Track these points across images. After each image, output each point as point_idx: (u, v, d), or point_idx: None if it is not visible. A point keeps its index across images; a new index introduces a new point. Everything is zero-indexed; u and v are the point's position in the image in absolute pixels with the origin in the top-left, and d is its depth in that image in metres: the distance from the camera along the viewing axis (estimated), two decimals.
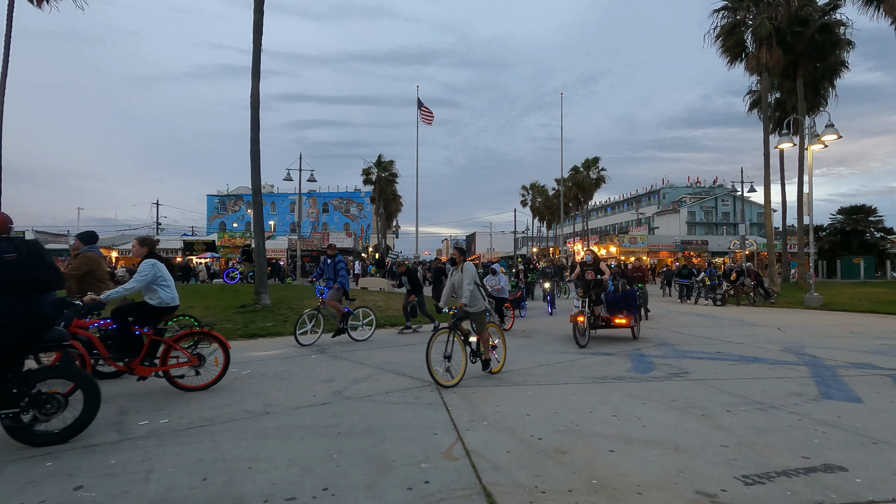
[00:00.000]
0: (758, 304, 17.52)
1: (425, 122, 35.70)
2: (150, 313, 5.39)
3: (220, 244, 39.80)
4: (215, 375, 5.64)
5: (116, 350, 5.18)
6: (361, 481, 3.16)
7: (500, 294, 11.00)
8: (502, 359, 6.53)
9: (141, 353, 5.24)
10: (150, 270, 5.35)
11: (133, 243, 5.78)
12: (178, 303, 5.71)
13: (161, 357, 5.40)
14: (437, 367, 5.66)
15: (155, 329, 5.38)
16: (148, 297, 5.40)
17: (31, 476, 3.28)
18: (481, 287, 6.22)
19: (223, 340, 5.74)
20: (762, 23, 21.94)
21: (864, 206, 41.56)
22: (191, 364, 5.47)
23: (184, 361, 5.47)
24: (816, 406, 4.86)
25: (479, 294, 6.14)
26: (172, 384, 5.49)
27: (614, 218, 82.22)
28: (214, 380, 5.63)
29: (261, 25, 13.94)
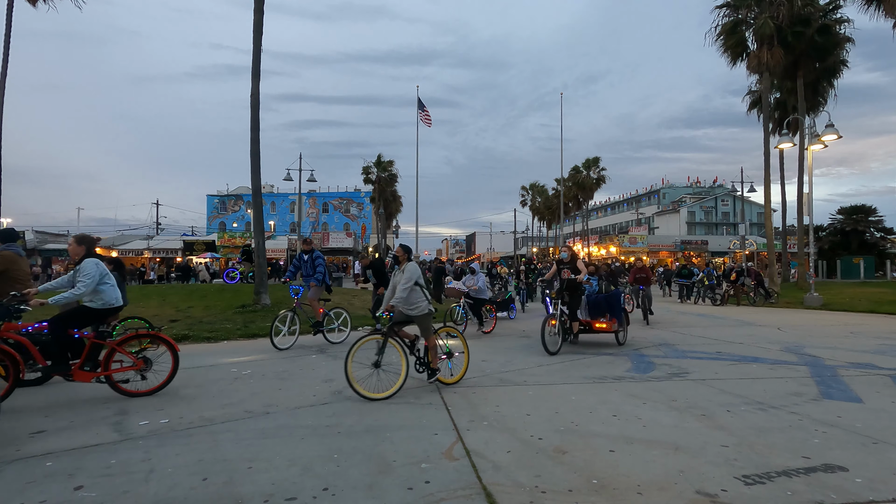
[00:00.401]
0: (758, 304, 17.53)
1: (425, 122, 35.70)
2: (91, 316, 5.13)
3: (220, 244, 39.84)
4: (163, 380, 5.39)
5: (52, 355, 4.92)
6: (361, 481, 3.16)
7: (478, 295, 10.47)
8: (463, 368, 5.96)
9: (81, 357, 4.99)
10: (94, 270, 5.06)
11: (70, 242, 5.40)
12: (123, 303, 5.44)
13: (103, 361, 5.14)
14: (360, 376, 5.18)
15: (97, 332, 5.14)
16: (89, 299, 5.10)
17: (32, 476, 3.28)
18: (425, 289, 5.70)
19: (171, 343, 5.49)
20: (765, 22, 21.93)
21: (864, 206, 41.60)
22: (136, 368, 5.23)
23: (128, 365, 5.23)
24: (817, 406, 4.86)
25: (419, 296, 5.63)
26: (115, 389, 5.21)
27: (614, 218, 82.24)
28: (162, 384, 5.37)
29: (261, 25, 13.95)
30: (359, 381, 5.12)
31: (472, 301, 10.47)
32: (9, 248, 6.14)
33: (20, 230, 41.35)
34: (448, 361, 5.85)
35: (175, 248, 39.64)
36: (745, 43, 23.92)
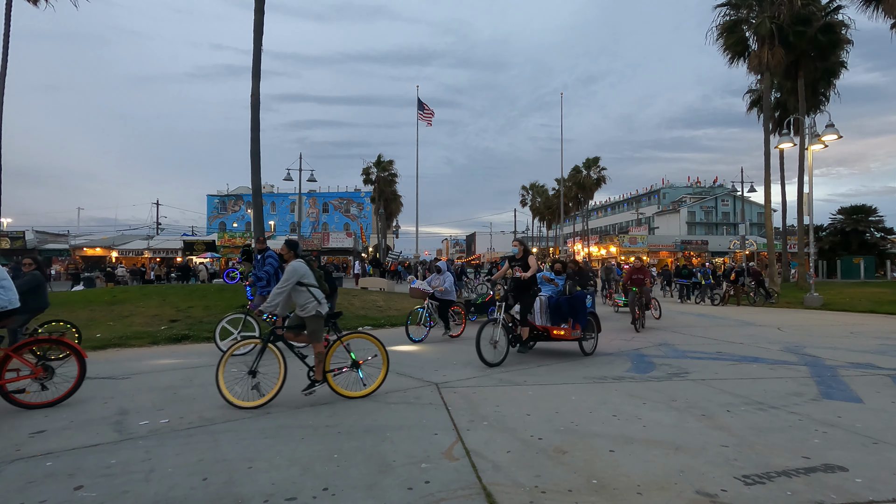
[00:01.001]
0: (758, 304, 17.52)
1: (425, 122, 35.69)
2: None
3: (220, 244, 39.81)
4: (66, 389, 4.98)
5: None
6: (362, 481, 3.16)
7: (444, 296, 9.50)
8: (379, 378, 5.33)
9: None
10: None
11: None
12: (19, 304, 5.13)
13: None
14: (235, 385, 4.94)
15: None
16: None
17: (32, 476, 3.28)
18: (310, 288, 5.19)
19: (77, 349, 5.10)
20: (764, 21, 21.94)
21: (865, 206, 41.57)
22: (34, 376, 4.86)
23: (26, 374, 4.87)
24: (817, 406, 4.86)
25: (307, 297, 5.17)
26: (8, 401, 4.75)
27: (614, 218, 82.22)
28: (65, 394, 4.96)
29: (261, 25, 13.96)
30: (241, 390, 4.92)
31: (437, 302, 9.59)
32: None
33: (20, 230, 41.40)
34: (359, 371, 5.24)
35: (175, 248, 39.64)
36: (745, 42, 23.92)
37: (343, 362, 5.29)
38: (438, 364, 6.94)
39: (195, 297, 14.85)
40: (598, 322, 8.03)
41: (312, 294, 5.20)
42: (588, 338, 7.83)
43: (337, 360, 5.37)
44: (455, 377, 6.14)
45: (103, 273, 29.62)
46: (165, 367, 6.91)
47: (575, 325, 7.60)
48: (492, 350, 6.72)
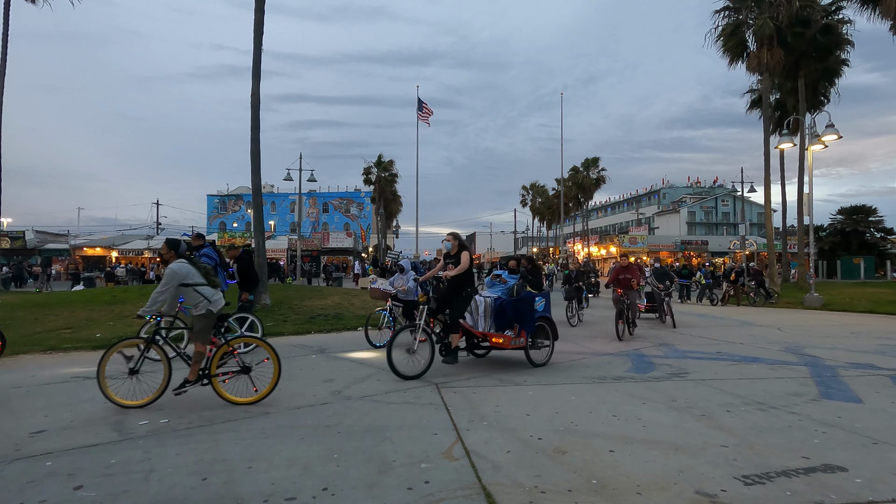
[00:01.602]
0: (758, 304, 17.53)
1: (423, 121, 35.69)
2: None
3: (220, 244, 39.82)
4: None
5: None
6: (361, 481, 3.16)
7: (407, 297, 8.87)
8: (270, 384, 5.04)
9: None
10: None
11: None
12: None
13: None
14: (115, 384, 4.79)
15: None
16: None
17: (32, 476, 3.28)
18: (198, 288, 4.97)
19: None
20: (764, 23, 21.97)
21: (864, 207, 41.60)
22: None
23: None
24: (816, 406, 4.86)
25: (197, 296, 4.97)
26: None
27: (614, 218, 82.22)
28: None
29: (261, 25, 13.95)
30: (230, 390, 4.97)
31: (400, 304, 8.99)
32: None
33: (20, 230, 41.40)
34: (249, 376, 5.04)
35: None
36: (745, 44, 23.95)
37: (233, 367, 5.11)
38: (435, 364, 6.94)
39: None
40: (553, 328, 7.09)
41: (200, 293, 5.01)
42: (539, 346, 6.93)
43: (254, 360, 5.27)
44: (455, 377, 6.14)
45: (103, 273, 29.65)
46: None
47: (520, 331, 6.67)
48: (406, 360, 5.95)
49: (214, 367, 5.01)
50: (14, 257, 37.52)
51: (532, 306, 6.79)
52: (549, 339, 7.07)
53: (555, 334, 7.13)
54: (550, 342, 7.08)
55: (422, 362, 6.01)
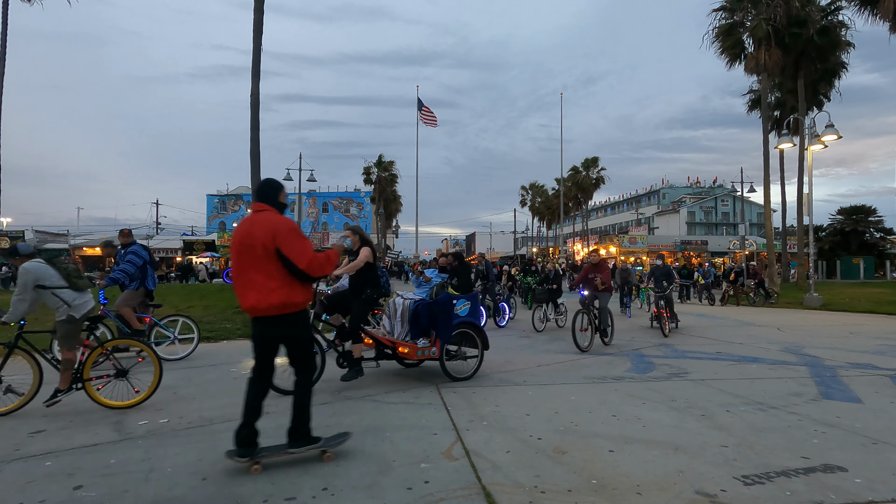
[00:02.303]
0: (758, 304, 17.54)
1: (429, 124, 35.68)
2: None
3: (220, 244, 39.78)
4: None
5: None
6: (361, 481, 3.16)
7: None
8: (150, 387, 4.87)
9: None
10: None
11: None
12: None
13: None
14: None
15: None
16: None
17: (31, 476, 3.28)
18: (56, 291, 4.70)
19: None
20: (759, 24, 22.01)
21: (864, 207, 41.65)
22: None
23: None
24: (816, 406, 4.86)
25: (56, 300, 4.71)
26: None
27: (614, 218, 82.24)
28: None
29: (261, 25, 13.94)
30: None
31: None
32: None
33: (20, 230, 41.36)
34: (127, 379, 4.83)
35: (175, 248, 39.61)
36: (742, 44, 23.97)
37: (108, 370, 4.89)
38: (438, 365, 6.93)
39: (195, 297, 14.85)
40: (482, 336, 6.17)
41: (60, 297, 4.71)
42: (458, 356, 6.12)
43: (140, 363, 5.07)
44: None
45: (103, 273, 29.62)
46: (164, 367, 6.89)
47: (436, 339, 5.85)
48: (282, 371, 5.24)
49: (87, 371, 4.72)
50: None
51: (449, 311, 5.94)
52: (476, 349, 6.20)
53: (484, 343, 6.18)
54: (479, 352, 6.19)
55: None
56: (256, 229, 3.35)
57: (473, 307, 6.21)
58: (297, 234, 3.43)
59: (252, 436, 3.37)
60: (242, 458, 3.29)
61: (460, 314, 6.03)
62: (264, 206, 3.50)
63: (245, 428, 3.36)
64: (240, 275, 3.39)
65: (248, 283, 3.35)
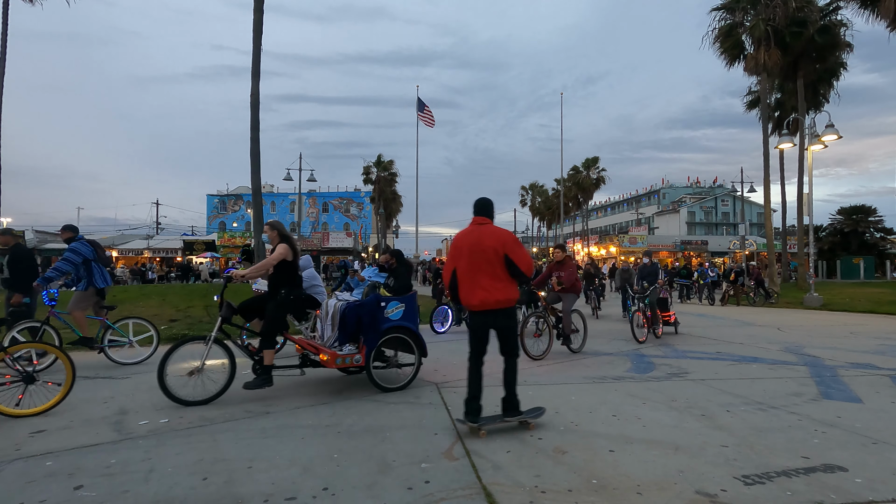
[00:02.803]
0: (758, 304, 17.53)
1: (427, 124, 35.70)
2: None
3: (220, 244, 39.81)
4: None
5: None
6: (361, 481, 3.16)
7: None
8: (61, 394, 4.67)
9: None
10: None
11: None
12: None
13: None
14: None
15: None
16: None
17: (32, 476, 3.28)
18: None
19: None
20: (757, 24, 22.05)
21: (864, 207, 41.64)
22: None
23: None
24: (816, 406, 4.86)
25: None
26: None
27: (614, 218, 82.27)
28: None
29: (261, 25, 13.95)
30: None
31: None
32: None
33: (20, 230, 41.36)
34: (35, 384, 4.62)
35: (175, 248, 39.62)
36: (741, 45, 23.99)
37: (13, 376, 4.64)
38: (437, 364, 6.94)
39: (195, 297, 14.84)
40: (419, 342, 5.64)
41: None
42: (392, 364, 5.73)
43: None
44: (454, 377, 6.14)
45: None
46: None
47: (361, 346, 5.40)
48: (189, 382, 4.87)
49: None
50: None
51: (375, 314, 5.42)
52: (415, 354, 5.69)
53: (422, 349, 5.67)
54: (416, 360, 5.68)
55: (214, 385, 4.91)
56: (486, 238, 4.11)
57: (409, 310, 5.67)
58: (519, 243, 4.22)
59: (479, 408, 4.09)
60: (474, 423, 4.02)
61: (391, 318, 5.52)
62: (485, 220, 4.28)
63: (473, 401, 4.10)
64: (468, 276, 4.14)
65: (476, 283, 4.10)
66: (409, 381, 5.59)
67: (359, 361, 5.35)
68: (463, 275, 4.18)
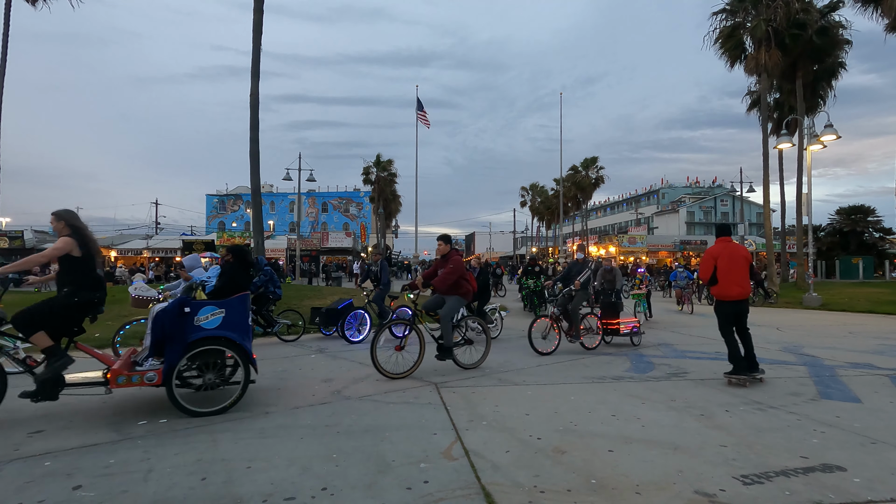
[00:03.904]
0: (757, 304, 17.53)
1: (423, 123, 35.72)
2: None
3: (220, 244, 39.76)
4: None
5: None
6: (360, 481, 3.16)
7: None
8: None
9: None
10: None
11: None
12: None
13: None
14: None
15: None
16: None
17: (31, 476, 3.28)
18: None
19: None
20: (758, 24, 22.09)
21: (863, 207, 41.63)
22: None
23: None
24: (815, 406, 4.87)
25: None
26: None
27: (614, 218, 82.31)
28: None
29: (260, 25, 13.94)
30: None
31: None
32: None
33: (19, 229, 41.34)
34: None
35: (174, 248, 39.58)
36: (743, 45, 24.03)
37: None
38: (437, 364, 6.94)
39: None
40: (244, 356, 4.76)
41: None
42: (208, 384, 4.71)
43: None
44: (454, 377, 6.15)
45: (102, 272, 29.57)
46: None
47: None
48: None
49: None
50: (13, 257, 37.46)
51: (177, 321, 4.57)
52: (242, 372, 4.79)
53: (247, 364, 4.78)
54: (242, 377, 4.76)
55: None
56: (739, 251, 6.17)
57: (231, 317, 4.78)
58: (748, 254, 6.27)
59: (755, 364, 5.88)
60: (753, 372, 5.80)
61: (204, 326, 4.65)
62: (728, 238, 6.26)
63: (745, 359, 5.87)
64: (729, 274, 5.99)
65: (735, 280, 5.99)
66: (231, 402, 4.64)
67: (152, 380, 4.42)
68: (723, 273, 5.98)
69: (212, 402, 4.66)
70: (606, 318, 8.77)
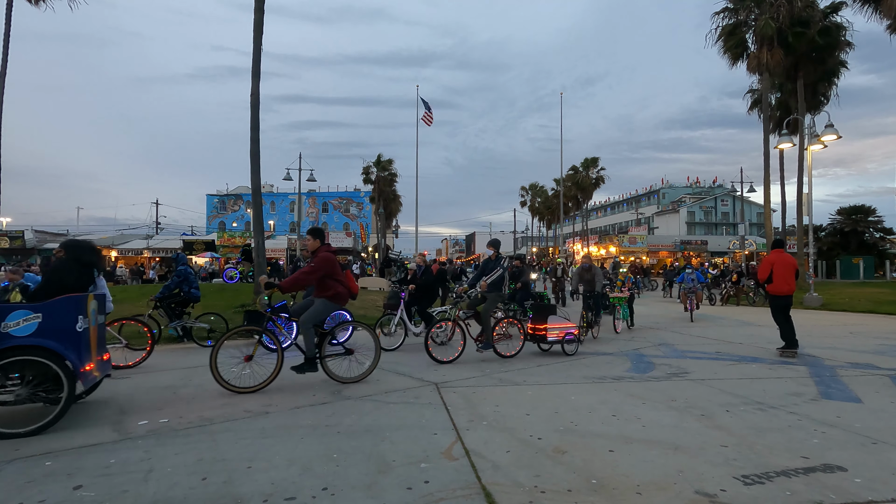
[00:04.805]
0: (757, 304, 17.53)
1: (425, 121, 35.70)
2: None
3: (220, 244, 39.75)
4: None
5: None
6: (361, 481, 3.16)
7: None
8: None
9: None
10: None
11: None
12: None
13: None
14: None
15: None
16: None
17: (31, 475, 3.28)
18: None
19: None
20: (766, 23, 22.02)
21: (864, 207, 41.57)
22: None
23: None
24: (816, 406, 4.86)
25: None
26: None
27: (614, 218, 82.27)
28: None
29: (261, 25, 13.93)
30: None
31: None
32: None
33: (19, 229, 41.35)
34: None
35: (175, 248, 39.55)
36: (745, 44, 24.01)
37: None
38: (436, 364, 6.94)
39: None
40: (64, 368, 4.23)
41: None
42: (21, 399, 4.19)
43: None
44: (454, 377, 6.14)
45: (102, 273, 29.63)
46: (164, 367, 6.91)
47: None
48: None
49: None
50: (13, 257, 37.47)
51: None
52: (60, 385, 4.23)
53: (71, 376, 4.23)
54: (65, 392, 4.20)
55: None
56: (789, 259, 7.90)
57: (50, 323, 4.25)
58: None
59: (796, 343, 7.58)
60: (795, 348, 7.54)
61: (14, 333, 4.14)
62: (782, 249, 7.99)
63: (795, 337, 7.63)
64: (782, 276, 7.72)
65: (786, 281, 7.73)
66: (47, 422, 4.12)
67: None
68: (779, 276, 7.71)
69: (34, 420, 4.12)
70: (535, 323, 7.91)
